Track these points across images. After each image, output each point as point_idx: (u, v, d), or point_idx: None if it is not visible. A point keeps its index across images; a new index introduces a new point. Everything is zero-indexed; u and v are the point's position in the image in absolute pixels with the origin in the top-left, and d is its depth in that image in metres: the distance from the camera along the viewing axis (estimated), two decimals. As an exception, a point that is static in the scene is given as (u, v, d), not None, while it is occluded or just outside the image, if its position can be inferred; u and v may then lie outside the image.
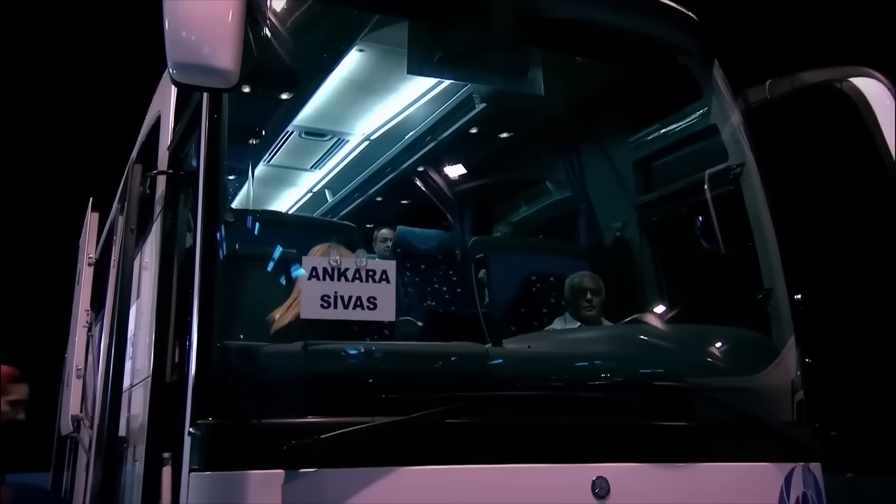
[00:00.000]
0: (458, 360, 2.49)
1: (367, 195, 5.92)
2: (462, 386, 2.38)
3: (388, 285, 2.40)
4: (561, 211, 4.64)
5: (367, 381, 2.36)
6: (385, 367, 2.44)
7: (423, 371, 2.45)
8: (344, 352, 2.43)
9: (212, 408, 2.27)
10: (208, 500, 2.21)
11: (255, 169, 4.85)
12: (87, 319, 4.76)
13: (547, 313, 3.82)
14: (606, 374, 2.62)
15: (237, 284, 2.51)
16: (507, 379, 2.45)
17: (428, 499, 2.26)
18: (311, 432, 2.21)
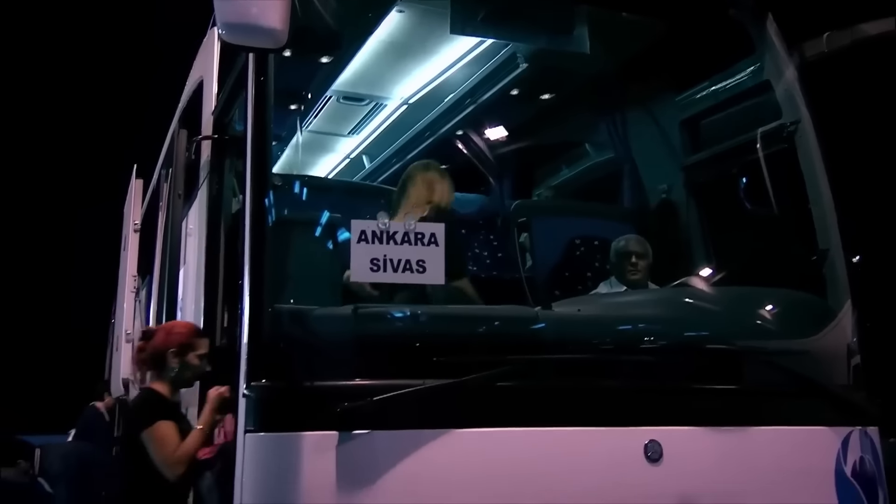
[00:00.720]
0: (508, 323, 2.47)
1: (405, 160, 5.88)
2: (513, 349, 2.36)
3: (436, 248, 2.38)
4: (604, 173, 4.55)
5: (418, 344, 2.36)
6: (435, 331, 2.43)
7: (474, 334, 2.44)
8: (394, 315, 2.43)
9: (265, 370, 2.29)
10: (263, 460, 2.25)
11: (295, 134, 4.83)
12: (134, 285, 4.84)
13: (591, 277, 3.78)
14: (658, 337, 2.58)
15: (286, 248, 2.51)
16: (558, 342, 2.43)
17: (479, 461, 2.27)
18: (363, 394, 2.22)
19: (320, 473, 2.20)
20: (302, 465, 2.21)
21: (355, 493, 2.20)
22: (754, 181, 3.31)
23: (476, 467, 2.27)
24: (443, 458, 2.25)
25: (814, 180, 3.13)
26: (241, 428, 2.30)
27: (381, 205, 2.80)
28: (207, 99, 3.22)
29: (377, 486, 2.20)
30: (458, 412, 2.27)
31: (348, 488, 2.20)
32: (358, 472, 2.22)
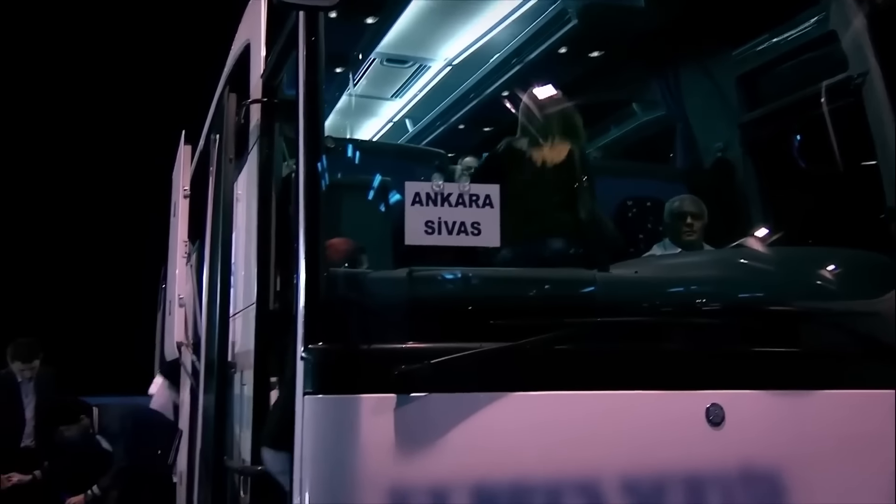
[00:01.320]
0: (565, 285, 2.43)
1: (449, 123, 5.82)
2: (570, 311, 2.33)
3: (492, 210, 2.35)
4: (656, 132, 4.44)
5: (474, 306, 2.34)
6: (492, 293, 2.40)
7: (532, 297, 2.41)
8: (450, 277, 2.41)
9: (322, 333, 2.30)
10: (322, 422, 2.27)
11: (339, 98, 4.80)
12: (185, 250, 4.91)
13: (644, 239, 3.71)
14: (719, 299, 2.52)
15: (339, 211, 2.50)
16: (616, 304, 2.39)
17: (537, 424, 2.26)
18: (420, 357, 2.21)
19: (378, 435, 2.21)
20: (360, 427, 2.23)
21: (413, 455, 2.21)
22: (817, 137, 3.18)
23: (534, 431, 2.25)
24: (500, 421, 2.24)
25: (882, 135, 2.99)
26: (299, 390, 2.32)
27: (434, 167, 2.78)
28: (255, 62, 3.19)
29: (435, 449, 2.21)
30: (516, 375, 2.26)
31: (406, 450, 2.21)
32: (416, 435, 2.22)
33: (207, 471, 3.28)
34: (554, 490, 2.22)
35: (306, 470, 2.25)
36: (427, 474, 2.19)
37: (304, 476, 2.25)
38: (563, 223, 3.07)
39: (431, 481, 2.19)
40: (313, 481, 2.24)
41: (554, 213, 3.08)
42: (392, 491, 2.18)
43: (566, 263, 2.80)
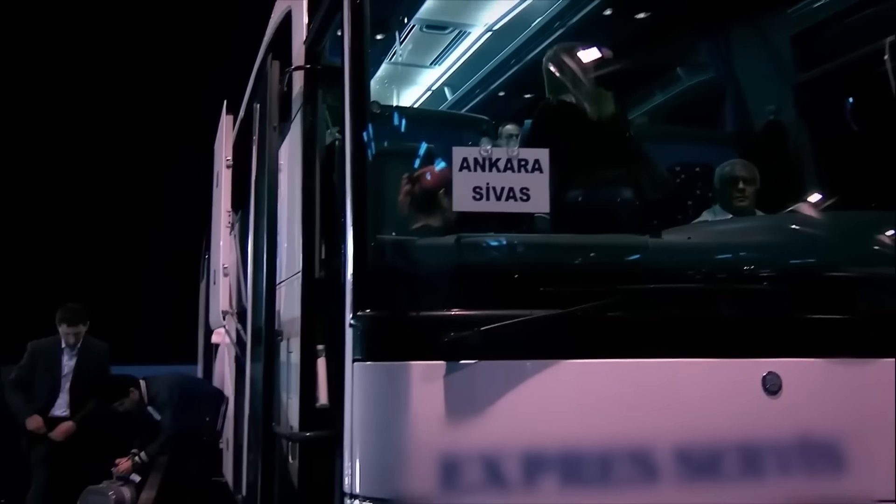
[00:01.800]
0: (617, 251, 2.38)
1: (489, 90, 5.74)
2: (623, 278, 2.28)
3: (541, 175, 2.30)
4: (704, 95, 4.31)
5: (524, 273, 2.31)
6: (542, 260, 2.36)
7: (582, 263, 2.36)
8: (498, 244, 2.37)
9: (371, 300, 2.30)
10: (371, 389, 2.28)
11: (381, 65, 4.75)
12: (228, 220, 4.95)
13: (692, 206, 3.62)
14: (774, 265, 2.45)
15: (386, 178, 2.48)
16: (670, 271, 2.33)
17: (590, 392, 2.23)
18: (469, 325, 2.19)
19: (427, 402, 2.21)
20: (409, 394, 2.22)
21: (463, 423, 2.20)
22: (875, 97, 3.05)
23: (585, 399, 2.23)
24: (551, 389, 2.21)
25: (950, 94, 2.86)
26: (348, 357, 2.33)
27: (480, 134, 2.72)
28: (297, 29, 3.17)
29: (485, 416, 2.20)
30: (568, 343, 2.23)
31: (456, 417, 2.20)
32: (465, 402, 2.21)
33: (256, 437, 3.33)
34: (605, 459, 2.20)
35: (356, 436, 2.26)
36: (477, 441, 2.19)
37: (354, 442, 2.27)
38: (612, 188, 3.01)
39: (481, 448, 2.18)
40: (363, 447, 2.26)
41: (604, 177, 3.01)
42: (442, 457, 2.18)
43: (618, 229, 2.74)
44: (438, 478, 2.17)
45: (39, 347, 5.91)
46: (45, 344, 5.93)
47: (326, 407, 2.73)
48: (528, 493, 2.16)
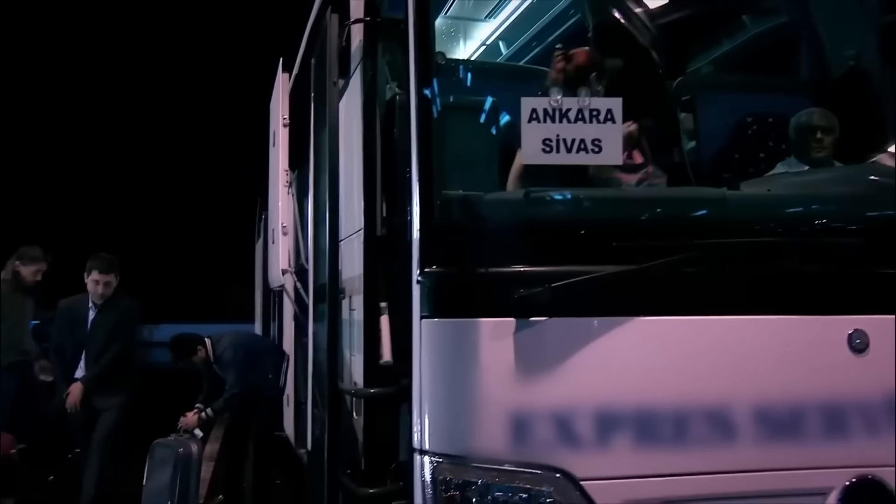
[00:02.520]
0: (694, 205, 2.29)
1: (545, 43, 5.56)
2: (700, 233, 2.19)
3: (613, 126, 2.21)
4: (778, 41, 4.09)
5: (596, 228, 2.24)
6: (614, 214, 2.29)
7: (657, 218, 2.28)
8: (569, 198, 2.30)
9: (438, 257, 2.26)
10: (440, 346, 2.25)
11: (436, 19, 4.63)
12: (286, 179, 4.96)
13: (765, 158, 3.46)
14: (861, 218, 2.32)
15: (452, 133, 2.42)
16: (749, 225, 2.23)
17: (664, 350, 2.17)
18: (539, 281, 2.14)
19: (497, 359, 2.18)
20: (478, 351, 2.20)
21: (533, 380, 2.17)
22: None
23: (659, 357, 2.17)
24: (624, 346, 2.16)
25: None
26: (416, 314, 2.30)
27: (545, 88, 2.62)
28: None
29: (555, 374, 2.16)
30: (642, 300, 2.16)
31: (526, 374, 2.17)
32: (535, 359, 2.18)
33: (321, 394, 3.36)
34: (680, 418, 2.15)
35: (426, 393, 2.25)
36: (547, 399, 2.15)
37: (423, 399, 2.26)
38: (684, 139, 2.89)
39: (551, 406, 2.15)
40: (432, 404, 2.24)
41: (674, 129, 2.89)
42: (512, 415, 2.16)
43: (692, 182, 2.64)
44: (508, 435, 2.15)
45: (66, 305, 5.57)
46: (72, 301, 5.58)
47: (390, 364, 2.73)
48: (600, 453, 2.13)
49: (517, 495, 2.14)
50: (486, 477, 2.16)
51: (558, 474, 2.11)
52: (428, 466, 2.22)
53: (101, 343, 5.44)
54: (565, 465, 2.11)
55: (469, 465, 2.17)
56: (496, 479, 2.15)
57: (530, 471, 2.13)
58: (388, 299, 2.82)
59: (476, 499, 2.16)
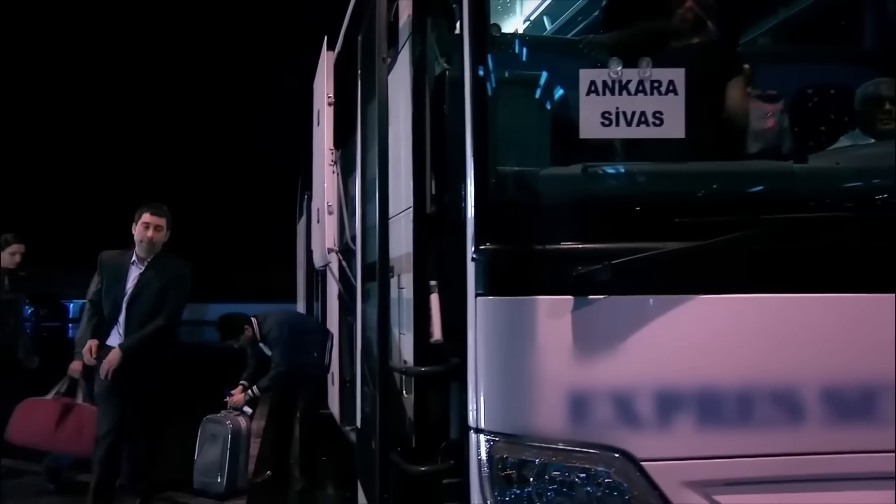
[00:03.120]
0: (759, 179, 2.21)
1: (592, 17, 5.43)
2: (766, 207, 2.11)
3: (675, 98, 2.13)
4: (837, 9, 3.92)
5: (657, 203, 2.17)
6: (676, 189, 2.22)
7: (721, 192, 2.21)
8: (629, 173, 2.24)
9: (493, 233, 2.23)
10: (495, 324, 2.22)
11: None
12: (332, 158, 4.96)
13: (826, 131, 3.32)
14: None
15: (506, 108, 2.37)
16: (819, 199, 2.14)
17: (730, 328, 2.10)
18: (598, 258, 2.09)
19: (554, 337, 2.14)
20: (535, 329, 2.16)
21: (591, 358, 2.13)
22: None
23: (724, 335, 2.10)
24: (686, 325, 2.10)
25: None
26: (470, 292, 2.27)
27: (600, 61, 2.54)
28: (403, -45, 3.04)
29: (615, 353, 2.11)
30: (705, 277, 2.09)
31: (584, 353, 2.13)
32: (594, 338, 2.13)
33: (371, 372, 3.37)
34: (744, 398, 2.08)
35: (481, 371, 2.23)
36: (606, 379, 2.11)
37: (478, 378, 2.23)
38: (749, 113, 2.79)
39: (611, 386, 2.11)
40: (488, 382, 2.22)
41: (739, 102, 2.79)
42: (569, 394, 2.12)
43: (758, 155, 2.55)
44: (566, 414, 2.12)
45: (108, 259, 4.91)
46: (114, 255, 4.93)
47: (440, 342, 2.72)
48: (661, 433, 2.08)
49: (575, 475, 2.11)
50: (543, 456, 2.13)
51: (617, 454, 2.08)
52: (484, 445, 2.20)
53: (147, 306, 4.76)
54: (625, 445, 2.08)
55: (526, 444, 2.15)
56: (553, 458, 2.13)
57: (589, 451, 2.10)
58: (438, 277, 2.80)
59: (533, 478, 2.13)
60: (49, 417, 4.79)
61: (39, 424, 4.79)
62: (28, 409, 4.90)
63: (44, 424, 4.78)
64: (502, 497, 2.16)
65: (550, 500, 2.13)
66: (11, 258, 5.62)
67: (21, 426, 4.86)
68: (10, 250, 5.64)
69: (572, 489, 2.11)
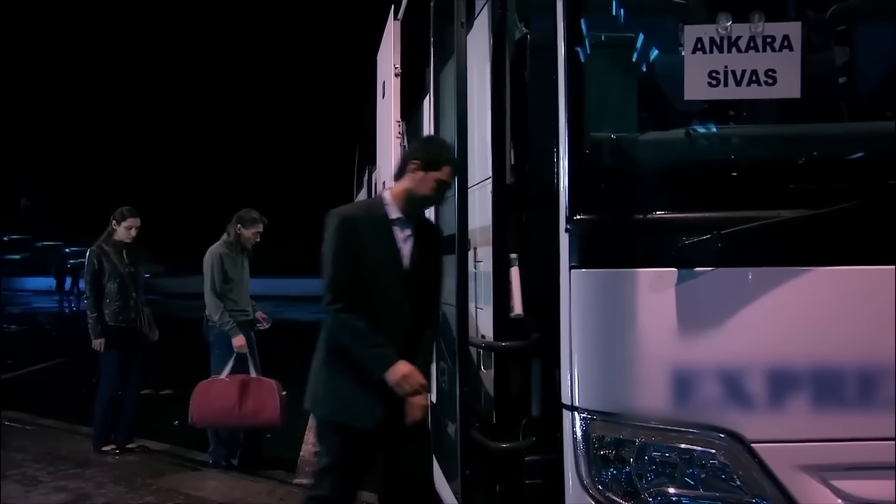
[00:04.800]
0: (882, 141, 2.04)
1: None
2: (887, 172, 1.95)
3: (790, 54, 1.98)
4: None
5: (765, 169, 2.03)
6: (786, 153, 2.07)
7: (838, 156, 2.05)
8: (736, 136, 2.10)
9: (589, 203, 2.12)
10: (592, 298, 2.12)
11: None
12: (399, 130, 4.87)
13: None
14: None
15: (596, 72, 2.24)
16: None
17: (849, 302, 1.96)
18: (704, 228, 1.97)
19: (656, 312, 2.03)
20: (636, 303, 2.05)
21: (697, 334, 2.01)
22: None
23: (841, 310, 1.96)
24: (801, 299, 1.96)
25: None
26: (563, 264, 2.18)
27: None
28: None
29: (722, 328, 1.99)
30: (820, 248, 1.95)
31: (689, 328, 2.01)
32: (700, 312, 2.02)
33: (448, 347, 3.30)
34: (865, 376, 1.94)
35: (576, 347, 2.14)
36: (713, 355, 2.00)
37: (573, 353, 2.14)
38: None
39: (718, 363, 1.99)
40: (584, 359, 2.13)
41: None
42: (673, 371, 2.02)
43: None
44: (669, 393, 2.02)
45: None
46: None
47: (521, 317, 2.63)
48: (773, 413, 1.96)
49: (678, 456, 2.01)
50: (643, 435, 2.04)
51: (725, 435, 1.97)
52: (579, 423, 2.12)
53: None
54: (733, 425, 1.97)
55: (625, 422, 2.06)
56: (654, 438, 2.03)
57: (694, 431, 1.99)
58: (518, 250, 2.70)
59: (633, 458, 2.05)
60: (229, 395, 4.83)
61: (221, 403, 4.83)
62: (206, 390, 4.91)
63: (225, 403, 4.83)
64: (600, 477, 2.08)
65: (650, 482, 2.04)
66: (127, 232, 5.59)
67: (203, 409, 4.87)
68: (126, 224, 5.58)
69: (674, 471, 2.02)
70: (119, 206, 5.69)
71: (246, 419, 4.96)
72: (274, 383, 4.92)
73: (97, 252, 5.50)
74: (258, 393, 4.89)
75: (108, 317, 5.42)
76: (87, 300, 5.51)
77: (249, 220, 5.33)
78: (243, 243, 5.34)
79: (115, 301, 5.44)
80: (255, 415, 4.89)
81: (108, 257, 5.46)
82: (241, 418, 4.91)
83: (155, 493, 4.52)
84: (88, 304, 5.44)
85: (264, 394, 4.88)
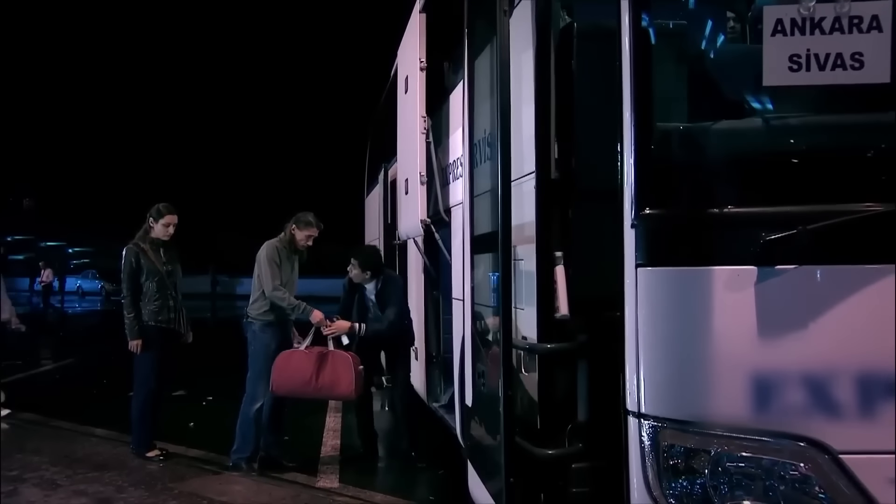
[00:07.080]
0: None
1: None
2: None
3: (879, 35, 1.84)
4: None
5: (852, 159, 1.90)
6: (877, 143, 1.93)
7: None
8: (819, 125, 1.96)
9: (657, 197, 1.99)
10: (660, 298, 1.99)
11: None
12: (424, 126, 4.73)
13: None
14: None
15: (664, 59, 2.11)
16: None
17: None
18: (784, 223, 1.83)
19: (732, 313, 1.91)
20: (710, 303, 1.92)
21: (778, 337, 1.88)
22: None
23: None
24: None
25: None
26: (628, 263, 2.04)
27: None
28: None
29: (807, 330, 1.86)
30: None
31: (769, 331, 1.88)
32: (781, 313, 1.88)
33: (485, 347, 3.17)
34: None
35: (643, 350, 2.00)
36: (796, 360, 1.87)
37: (640, 357, 2.01)
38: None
39: (802, 368, 1.86)
40: (651, 363, 1.99)
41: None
42: (751, 377, 1.89)
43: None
44: (746, 400, 1.89)
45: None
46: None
47: (567, 318, 2.50)
48: (864, 422, 1.83)
49: (756, 467, 1.88)
50: (717, 445, 1.91)
51: (809, 445, 1.83)
52: (647, 431, 1.99)
53: None
54: (820, 435, 1.83)
55: (697, 431, 1.93)
56: (729, 447, 1.90)
57: (774, 440, 1.86)
58: (563, 248, 2.57)
59: (708, 469, 1.91)
60: (306, 367, 4.90)
61: (299, 375, 4.90)
62: (285, 361, 4.96)
63: (302, 374, 4.90)
64: (671, 489, 1.95)
65: (725, 495, 1.91)
66: (165, 230, 5.38)
67: (282, 378, 4.93)
68: (164, 221, 5.36)
69: (752, 483, 1.88)
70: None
71: (322, 391, 5.03)
72: (351, 357, 4.96)
73: (134, 250, 5.27)
74: (334, 366, 4.93)
75: (146, 316, 5.21)
76: (123, 300, 5.33)
77: (304, 223, 5.22)
78: (296, 244, 5.23)
79: (154, 300, 5.25)
80: (332, 388, 4.98)
81: (145, 255, 5.26)
82: (317, 390, 4.98)
83: (177, 498, 4.38)
84: (126, 304, 5.22)
85: (340, 368, 4.93)
